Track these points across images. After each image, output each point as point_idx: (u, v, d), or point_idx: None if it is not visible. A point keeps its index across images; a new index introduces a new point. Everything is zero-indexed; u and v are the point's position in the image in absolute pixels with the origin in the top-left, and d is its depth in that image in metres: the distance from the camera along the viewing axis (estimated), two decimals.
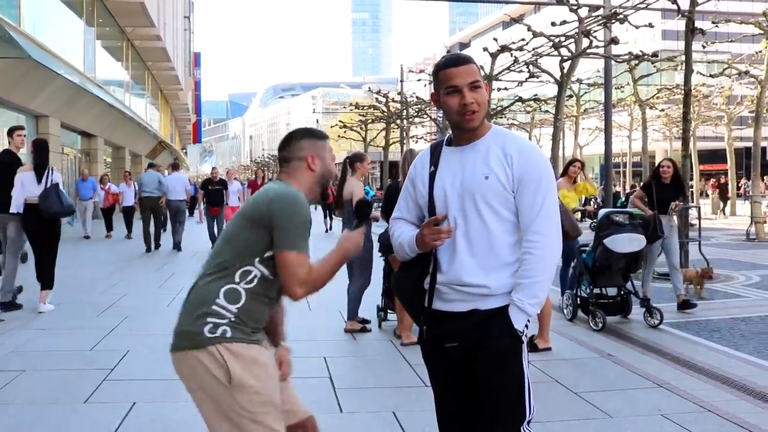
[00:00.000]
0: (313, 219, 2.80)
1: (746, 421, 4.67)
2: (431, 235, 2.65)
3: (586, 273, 7.96)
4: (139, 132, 36.48)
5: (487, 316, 2.64)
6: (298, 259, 2.65)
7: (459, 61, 2.68)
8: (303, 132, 2.98)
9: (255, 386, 2.62)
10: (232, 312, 2.65)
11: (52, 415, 4.83)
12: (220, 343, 2.61)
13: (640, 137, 32.53)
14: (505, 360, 2.65)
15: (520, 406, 2.65)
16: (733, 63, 25.90)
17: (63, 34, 22.90)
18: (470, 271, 2.64)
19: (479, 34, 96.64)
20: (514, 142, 2.71)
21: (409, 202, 2.89)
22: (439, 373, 2.83)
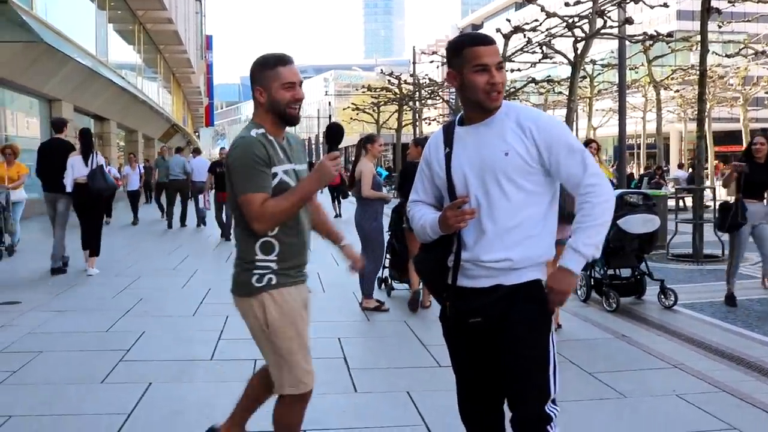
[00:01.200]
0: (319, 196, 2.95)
1: (761, 401, 4.65)
2: (455, 218, 2.63)
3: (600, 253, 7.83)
4: (152, 115, 36.56)
5: (510, 291, 2.66)
6: (244, 200, 2.93)
7: (488, 40, 2.68)
8: (253, 64, 3.11)
9: (288, 332, 3.07)
10: (273, 260, 3.04)
11: (69, 396, 4.87)
12: (266, 291, 3.04)
13: (654, 118, 32.33)
14: (530, 333, 2.67)
15: (544, 383, 2.66)
16: (750, 43, 25.64)
17: (75, 17, 22.91)
18: (494, 246, 2.66)
19: (492, 15, 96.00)
20: (528, 114, 2.71)
21: (426, 183, 2.90)
22: (460, 349, 2.85)
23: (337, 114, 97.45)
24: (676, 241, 11.88)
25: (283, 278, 3.06)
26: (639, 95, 38.44)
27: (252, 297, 3.05)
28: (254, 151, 2.94)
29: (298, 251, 3.13)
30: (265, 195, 2.94)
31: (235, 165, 2.97)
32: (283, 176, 3.02)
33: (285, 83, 3.03)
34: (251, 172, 2.93)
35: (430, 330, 6.73)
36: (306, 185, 3.02)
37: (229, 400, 4.75)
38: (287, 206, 2.96)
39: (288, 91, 3.04)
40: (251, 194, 2.92)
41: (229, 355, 5.88)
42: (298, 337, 3.09)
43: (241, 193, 2.94)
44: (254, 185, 2.92)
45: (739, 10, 24.08)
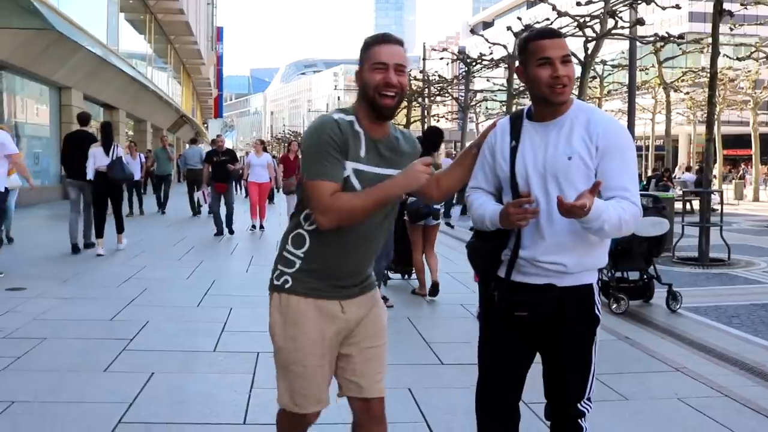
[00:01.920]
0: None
1: (763, 407, 4.64)
2: (517, 215, 2.59)
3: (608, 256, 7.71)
4: (161, 105, 36.62)
5: (562, 293, 2.69)
6: (312, 186, 2.56)
7: (553, 34, 2.67)
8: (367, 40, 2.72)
9: (284, 346, 2.73)
10: (299, 257, 2.69)
11: (72, 383, 4.89)
12: (279, 292, 2.73)
13: (663, 120, 32.22)
14: (580, 339, 2.75)
15: (585, 385, 2.78)
16: (761, 46, 25.51)
17: (86, 6, 22.94)
18: (550, 249, 2.66)
19: (503, 13, 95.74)
20: (598, 118, 2.67)
21: (487, 171, 2.86)
22: (497, 339, 2.86)
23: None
24: (682, 244, 11.84)
25: (300, 285, 2.69)
26: (649, 96, 38.30)
27: (271, 293, 2.79)
28: (328, 132, 2.55)
29: (335, 261, 2.69)
30: (335, 185, 2.54)
31: (305, 147, 2.60)
32: (352, 175, 2.60)
33: (376, 63, 2.60)
34: (321, 156, 2.54)
35: (434, 327, 6.74)
36: (388, 187, 2.57)
37: (230, 391, 4.79)
38: (360, 205, 2.55)
39: (378, 72, 2.60)
40: (320, 182, 2.53)
41: (232, 347, 5.89)
42: (295, 354, 2.71)
43: (309, 179, 2.57)
44: (323, 172, 2.54)
45: (751, 12, 23.96)
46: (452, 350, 5.83)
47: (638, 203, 2.61)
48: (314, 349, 2.71)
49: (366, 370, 2.84)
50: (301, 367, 2.72)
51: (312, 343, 2.71)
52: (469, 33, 33.49)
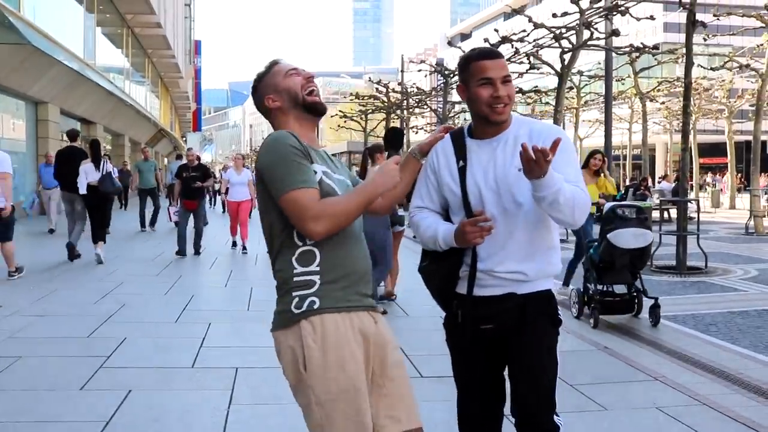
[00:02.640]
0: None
1: (741, 415, 4.67)
2: (473, 233, 2.61)
3: (593, 269, 7.60)
4: (139, 119, 36.44)
5: (524, 300, 2.72)
6: (294, 197, 2.36)
7: (493, 54, 2.72)
8: (254, 80, 2.74)
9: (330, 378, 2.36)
10: (316, 272, 2.42)
11: (48, 402, 4.83)
12: (307, 317, 2.39)
13: (640, 130, 32.51)
14: (542, 345, 2.75)
15: (551, 394, 2.75)
16: (735, 56, 25.84)
17: (63, 20, 22.81)
18: (508, 259, 2.71)
19: (480, 24, 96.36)
20: (539, 127, 2.77)
21: (431, 191, 2.88)
22: (468, 356, 2.86)
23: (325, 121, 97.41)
24: (660, 252, 11.93)
25: (330, 300, 2.41)
26: (625, 106, 38.66)
27: (288, 328, 2.42)
28: (289, 143, 2.42)
29: (351, 261, 2.50)
30: (316, 190, 2.39)
31: (268, 163, 2.42)
32: (323, 177, 2.47)
33: (286, 71, 2.63)
34: (292, 166, 2.38)
35: (413, 340, 6.72)
36: (372, 186, 2.46)
37: (208, 408, 4.75)
38: (353, 206, 2.42)
39: (294, 76, 2.62)
40: (302, 190, 2.35)
41: (211, 363, 5.85)
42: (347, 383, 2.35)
43: (283, 192, 2.37)
44: (301, 180, 2.37)
45: (724, 23, 24.28)
46: (432, 362, 5.82)
47: (587, 196, 2.68)
48: (362, 365, 2.43)
49: (400, 400, 2.53)
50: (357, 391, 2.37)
51: (359, 360, 2.42)
52: (447, 45, 33.61)
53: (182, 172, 13.38)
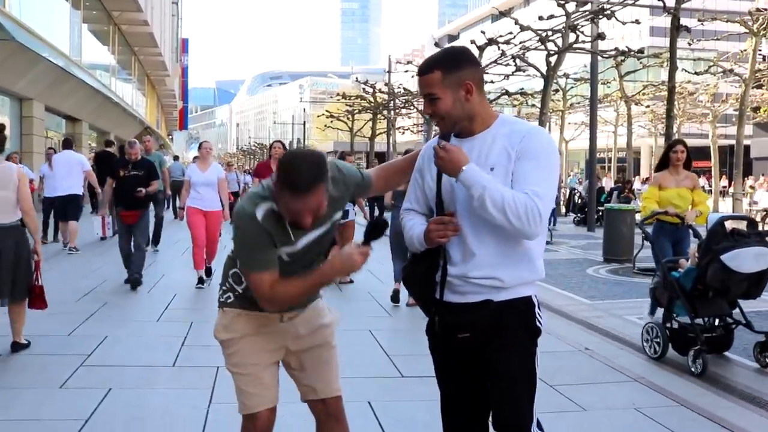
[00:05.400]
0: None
1: (717, 416, 4.73)
2: (437, 232, 2.60)
3: (683, 298, 6.05)
4: (125, 117, 36.27)
5: (500, 307, 2.63)
6: (252, 278, 2.76)
7: (421, 70, 2.65)
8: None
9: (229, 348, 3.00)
10: (239, 290, 2.97)
11: (27, 400, 4.81)
12: (222, 307, 3.03)
13: (625, 133, 32.72)
14: (518, 354, 2.65)
15: (530, 404, 2.65)
16: (719, 61, 26.05)
17: (49, 16, 22.67)
18: (482, 264, 2.61)
19: (468, 26, 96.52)
20: (520, 128, 2.65)
21: (418, 193, 2.86)
22: (448, 363, 2.81)
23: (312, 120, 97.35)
24: (643, 255, 12.02)
25: (239, 301, 2.97)
26: (611, 110, 38.86)
27: (220, 310, 3.06)
28: (251, 232, 2.69)
29: None
30: (271, 274, 2.70)
31: (235, 243, 2.80)
32: (284, 256, 2.77)
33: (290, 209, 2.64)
34: (252, 249, 2.72)
35: (396, 341, 6.75)
36: (325, 273, 2.73)
37: (189, 407, 4.75)
38: (298, 293, 2.76)
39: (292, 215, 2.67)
40: (256, 275, 2.72)
41: (192, 362, 5.84)
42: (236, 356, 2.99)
43: (246, 269, 2.78)
44: (257, 265, 2.71)
45: (709, 28, 24.49)
46: (413, 363, 5.84)
47: (539, 201, 2.47)
48: (257, 347, 2.99)
49: (317, 373, 3.09)
50: (242, 367, 2.98)
51: (254, 342, 2.98)
52: (434, 46, 33.68)
53: (118, 169, 9.45)
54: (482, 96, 2.69)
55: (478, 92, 2.64)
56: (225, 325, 3.01)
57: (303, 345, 3.07)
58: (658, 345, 6.18)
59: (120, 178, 9.27)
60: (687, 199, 7.28)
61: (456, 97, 2.60)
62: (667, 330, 6.19)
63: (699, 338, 5.79)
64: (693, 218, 7.02)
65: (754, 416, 4.78)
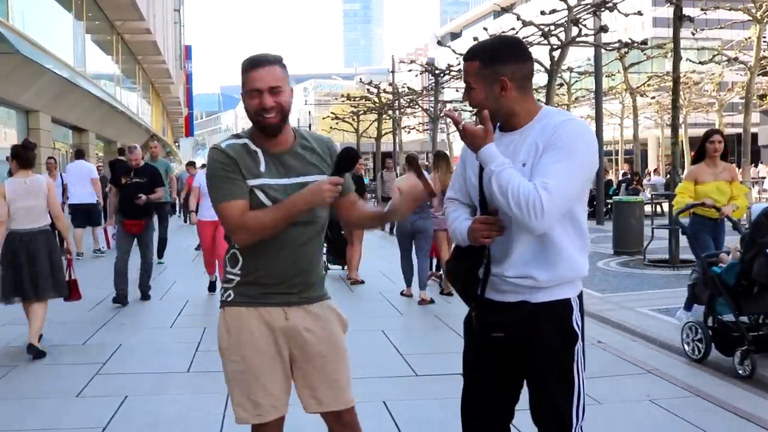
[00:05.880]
0: None
1: (733, 405, 4.72)
2: (482, 231, 2.55)
3: (726, 295, 5.67)
4: (131, 126, 36.37)
5: (536, 309, 2.56)
6: (220, 210, 2.71)
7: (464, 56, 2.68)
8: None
9: (231, 356, 2.81)
10: (237, 274, 2.80)
11: (44, 410, 4.84)
12: (223, 307, 2.84)
13: (631, 125, 32.62)
14: (558, 360, 2.59)
15: (567, 410, 2.57)
16: (723, 49, 25.95)
17: (52, 28, 22.78)
18: (517, 262, 2.56)
19: (470, 23, 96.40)
20: (556, 119, 2.53)
21: (462, 183, 2.80)
22: (481, 360, 2.75)
23: (317, 123, 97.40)
24: (653, 246, 11.99)
25: (240, 297, 2.79)
26: (616, 102, 38.77)
27: (221, 310, 2.88)
28: (216, 159, 2.74)
29: (270, 268, 2.77)
30: (239, 203, 2.67)
31: (206, 175, 2.79)
32: (256, 190, 2.70)
33: (249, 90, 2.71)
34: (218, 181, 2.70)
35: (408, 340, 6.76)
36: (293, 201, 2.66)
37: (204, 412, 4.77)
38: (269, 221, 2.65)
39: (253, 98, 2.71)
40: (224, 204, 2.68)
41: (206, 367, 5.86)
42: (243, 362, 2.78)
43: (214, 203, 2.73)
44: (225, 195, 2.68)
45: (712, 17, 24.40)
46: (426, 361, 5.86)
47: (544, 195, 2.37)
48: (262, 351, 2.79)
49: (324, 384, 2.86)
50: (249, 373, 2.78)
51: (258, 346, 2.78)
52: (437, 44, 33.66)
53: (120, 176, 9.12)
54: (524, 93, 2.59)
55: (517, 89, 2.55)
56: (227, 326, 2.81)
57: (308, 351, 2.84)
58: (701, 345, 5.78)
59: (122, 185, 8.94)
60: (726, 192, 6.90)
61: (490, 91, 2.54)
62: (709, 329, 5.79)
63: (745, 337, 5.43)
64: (730, 212, 6.69)
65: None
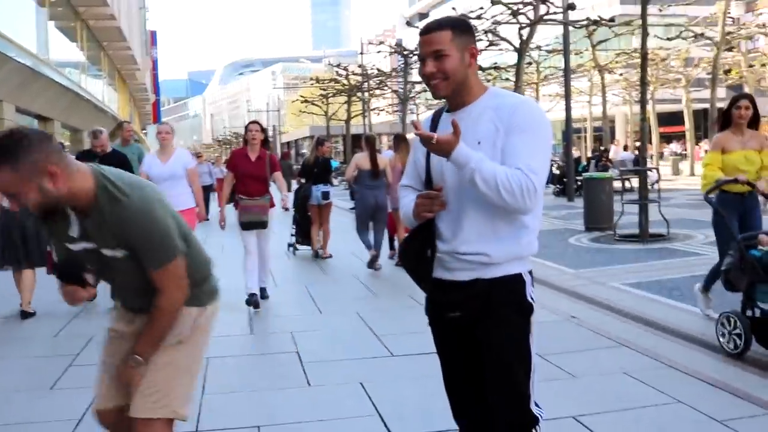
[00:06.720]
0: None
1: (707, 375, 4.79)
2: (423, 206, 2.57)
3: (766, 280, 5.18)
4: (97, 114, 35.88)
5: (489, 285, 2.58)
6: None
7: (424, 30, 2.61)
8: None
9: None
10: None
11: (17, 403, 4.78)
12: None
13: (600, 102, 32.82)
14: (512, 331, 2.61)
15: (525, 384, 2.61)
16: (690, 26, 26.15)
17: (14, 15, 22.34)
18: (470, 238, 2.57)
19: (438, 3, 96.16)
20: (510, 101, 2.59)
21: (414, 170, 2.83)
22: (443, 341, 2.79)
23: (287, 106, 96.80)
24: (623, 221, 12.11)
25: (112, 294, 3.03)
26: (584, 80, 38.95)
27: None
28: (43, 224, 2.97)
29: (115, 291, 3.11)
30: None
31: None
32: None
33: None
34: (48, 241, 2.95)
35: (383, 321, 6.77)
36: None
37: None
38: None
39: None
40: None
41: None
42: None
43: None
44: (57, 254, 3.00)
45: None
46: (402, 341, 5.87)
47: (533, 176, 2.44)
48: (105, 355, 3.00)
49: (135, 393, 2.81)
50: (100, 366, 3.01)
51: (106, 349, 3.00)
52: (406, 25, 33.56)
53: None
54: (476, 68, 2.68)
55: (475, 62, 2.64)
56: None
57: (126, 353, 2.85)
58: (739, 338, 5.20)
59: None
60: (755, 162, 6.20)
61: (461, 59, 2.57)
62: (748, 320, 5.24)
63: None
64: (765, 187, 6.08)
65: None
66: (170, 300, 2.74)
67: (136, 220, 2.58)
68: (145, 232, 2.60)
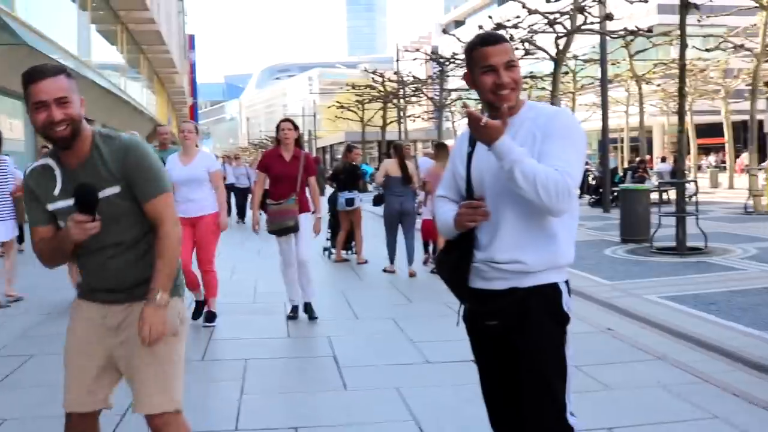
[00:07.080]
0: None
1: (742, 391, 4.77)
2: (466, 216, 2.63)
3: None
4: (136, 116, 36.43)
5: (526, 294, 2.63)
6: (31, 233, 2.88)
7: (494, 40, 2.68)
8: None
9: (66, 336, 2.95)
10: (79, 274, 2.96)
11: (60, 398, 4.90)
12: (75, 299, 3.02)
13: (637, 112, 32.54)
14: (549, 340, 2.64)
15: (560, 394, 2.63)
16: (729, 36, 25.83)
17: (57, 18, 22.80)
18: (506, 247, 2.63)
19: (474, 11, 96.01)
20: (547, 110, 2.72)
21: (451, 180, 2.88)
22: (480, 348, 2.83)
23: (322, 112, 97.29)
24: (660, 234, 12.02)
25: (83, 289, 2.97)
26: (621, 89, 38.64)
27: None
28: (26, 182, 2.84)
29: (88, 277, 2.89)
30: (39, 230, 2.80)
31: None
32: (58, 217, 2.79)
33: (33, 104, 2.63)
34: (26, 204, 2.85)
35: (418, 327, 6.82)
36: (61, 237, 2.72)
37: (218, 400, 4.84)
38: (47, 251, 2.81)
39: (39, 113, 2.62)
40: (31, 228, 2.83)
41: (220, 355, 5.94)
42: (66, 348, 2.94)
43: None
44: (30, 218, 2.83)
45: (718, 3, 24.26)
46: (438, 348, 5.92)
47: (569, 179, 2.49)
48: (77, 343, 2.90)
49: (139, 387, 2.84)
50: (66, 360, 2.92)
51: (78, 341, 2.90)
52: (442, 32, 33.55)
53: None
54: None
55: None
56: (70, 313, 3.00)
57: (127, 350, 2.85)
58: None
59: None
60: None
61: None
62: None
63: None
64: None
65: None
66: (174, 228, 2.80)
67: (132, 149, 2.76)
68: (142, 160, 2.76)
